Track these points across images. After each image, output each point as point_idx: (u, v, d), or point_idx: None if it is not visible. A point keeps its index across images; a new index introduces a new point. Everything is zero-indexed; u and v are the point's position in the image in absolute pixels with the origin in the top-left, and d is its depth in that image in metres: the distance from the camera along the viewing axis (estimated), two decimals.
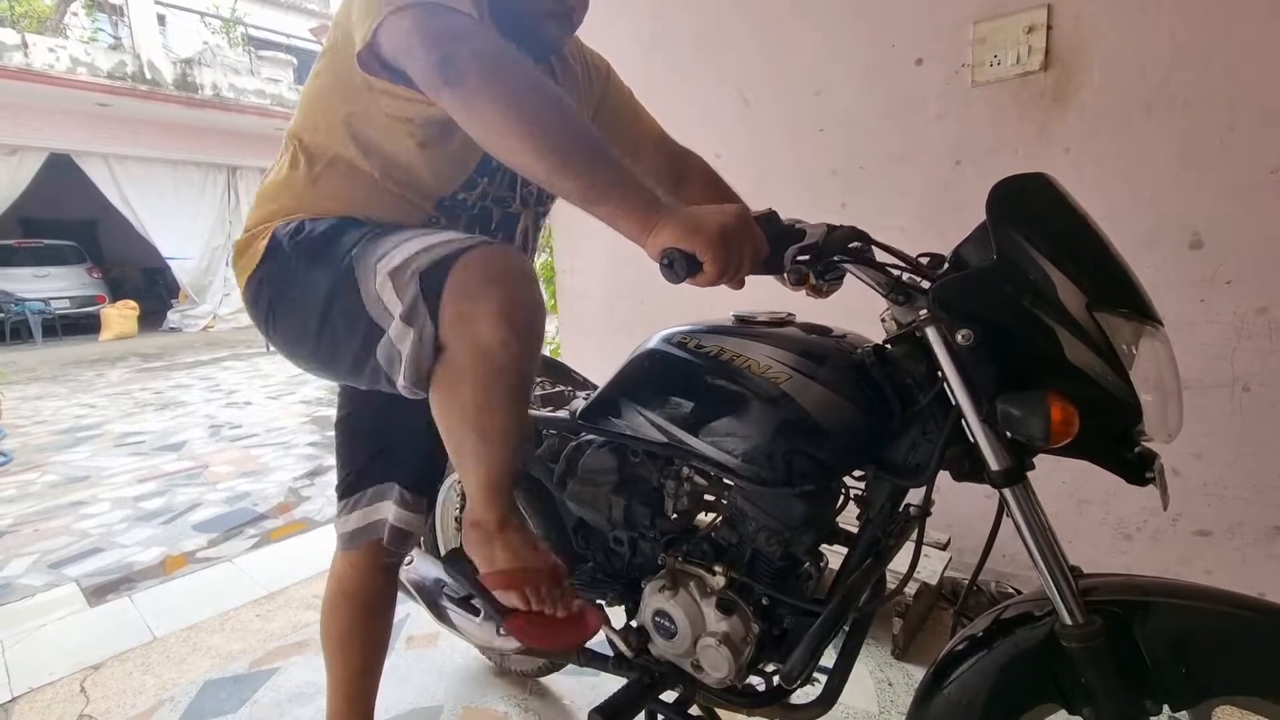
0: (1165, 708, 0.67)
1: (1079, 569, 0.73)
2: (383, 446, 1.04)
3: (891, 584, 1.04)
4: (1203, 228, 1.41)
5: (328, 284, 0.83)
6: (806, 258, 0.70)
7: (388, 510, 1.01)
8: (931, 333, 0.69)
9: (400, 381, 0.81)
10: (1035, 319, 0.64)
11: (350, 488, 1.04)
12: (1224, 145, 1.36)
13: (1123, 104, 1.46)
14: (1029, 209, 0.67)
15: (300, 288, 0.87)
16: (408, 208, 0.91)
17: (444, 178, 0.90)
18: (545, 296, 1.13)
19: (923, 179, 1.73)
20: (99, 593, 2.10)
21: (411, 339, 0.78)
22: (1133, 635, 0.65)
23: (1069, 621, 0.65)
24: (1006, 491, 0.68)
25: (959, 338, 0.66)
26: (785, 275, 0.71)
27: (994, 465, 0.67)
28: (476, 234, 0.92)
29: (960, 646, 0.76)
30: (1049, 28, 1.51)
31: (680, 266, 0.65)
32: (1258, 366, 1.39)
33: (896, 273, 0.74)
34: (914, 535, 0.83)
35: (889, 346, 0.79)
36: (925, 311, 0.69)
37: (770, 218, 0.72)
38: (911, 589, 1.55)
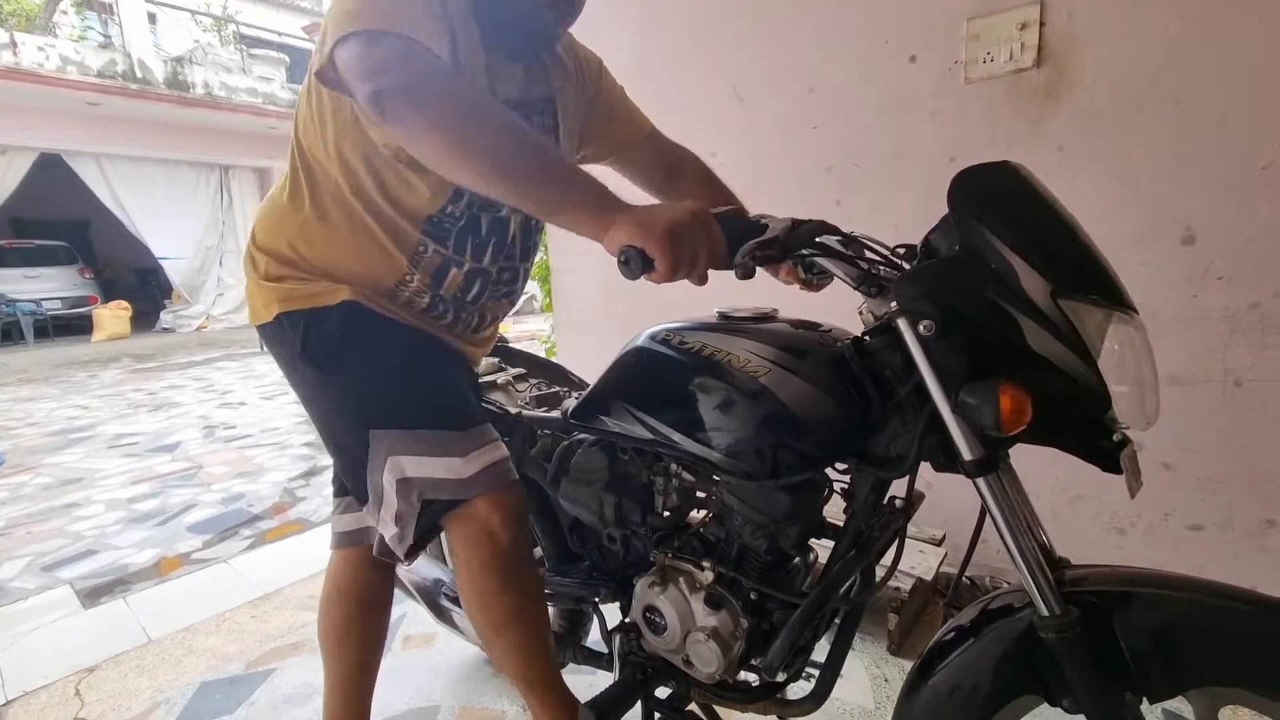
0: (1145, 699, 0.67)
1: (1067, 560, 0.73)
2: None
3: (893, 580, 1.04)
4: (1195, 224, 1.41)
5: (337, 418, 0.93)
6: (771, 253, 0.70)
7: (367, 520, 1.01)
8: (903, 324, 0.69)
9: (375, 537, 0.96)
10: (997, 308, 0.65)
11: (343, 486, 1.04)
12: (1216, 142, 1.37)
13: (1115, 100, 1.46)
14: (992, 198, 0.68)
15: (311, 388, 0.95)
16: (397, 238, 0.91)
17: (430, 193, 0.90)
18: (541, 296, 1.13)
19: (917, 176, 1.74)
20: (93, 595, 2.09)
21: (391, 535, 0.89)
22: (1111, 626, 0.65)
23: (1045, 613, 0.65)
24: (980, 481, 0.68)
25: (921, 329, 0.67)
26: (734, 270, 0.70)
27: (966, 455, 0.68)
28: (459, 259, 0.95)
29: (946, 638, 0.76)
30: (1041, 24, 1.51)
31: (635, 264, 0.65)
32: (1249, 361, 1.39)
33: (865, 265, 0.74)
34: (899, 526, 0.83)
35: (867, 339, 0.79)
36: (895, 303, 0.69)
37: (731, 216, 0.72)
38: (907, 584, 1.56)
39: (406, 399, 0.91)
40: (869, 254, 0.81)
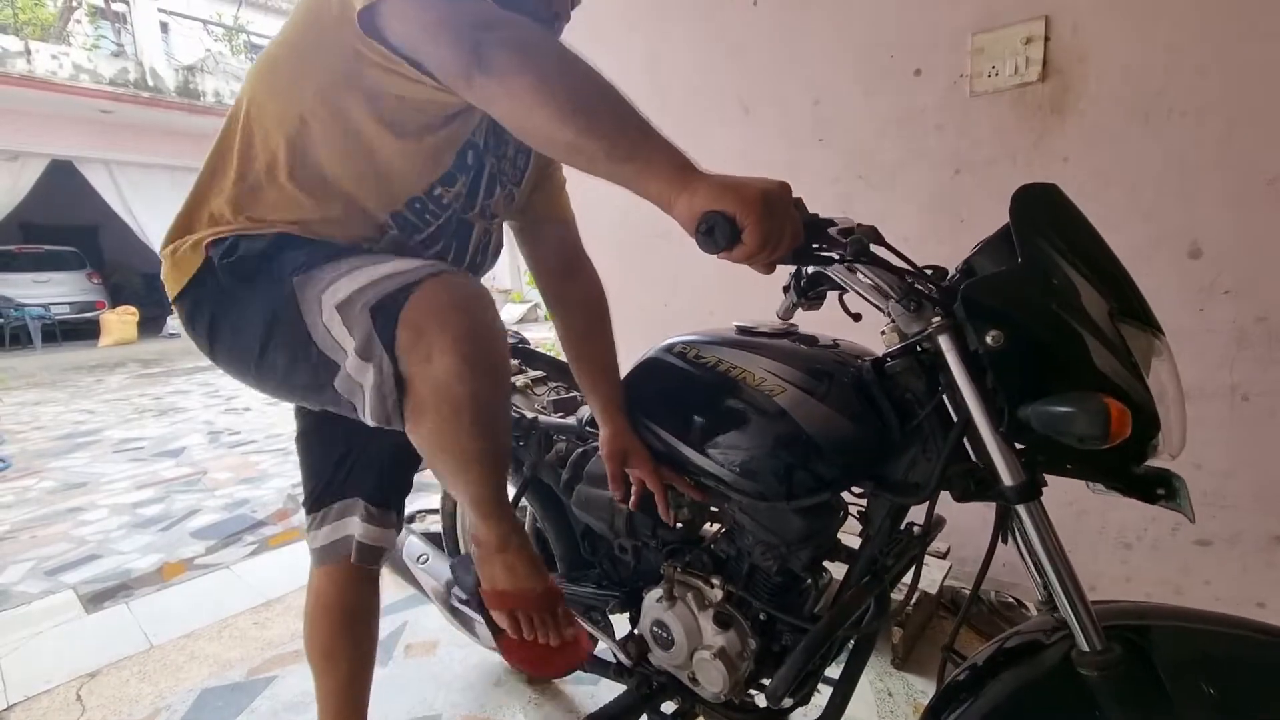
0: None
1: None
2: (343, 460, 1.01)
3: (898, 595, 1.04)
4: (1201, 237, 1.41)
5: (267, 312, 0.80)
6: (840, 248, 0.68)
7: (354, 526, 1.00)
8: (944, 341, 0.66)
9: (365, 415, 0.78)
10: (1065, 323, 0.63)
11: (316, 502, 1.02)
12: (1222, 155, 1.37)
13: (1120, 114, 1.46)
14: (1049, 216, 0.67)
15: (237, 313, 0.83)
16: (359, 216, 0.84)
17: (420, 171, 0.85)
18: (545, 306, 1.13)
19: (922, 188, 1.74)
20: (96, 600, 2.09)
21: (371, 375, 0.74)
22: (1150, 661, 0.63)
23: (1086, 648, 0.63)
24: (1021, 509, 0.66)
25: (989, 339, 0.63)
26: (843, 251, 0.67)
27: (1007, 480, 0.65)
28: (424, 256, 0.87)
29: (960, 678, 0.73)
30: (1046, 39, 1.52)
31: (722, 233, 0.58)
32: (1257, 375, 1.39)
33: (910, 279, 0.71)
34: (916, 553, 0.82)
35: (889, 360, 0.77)
36: (938, 319, 0.67)
37: (799, 203, 0.68)
38: (911, 598, 1.55)
39: (332, 251, 0.81)
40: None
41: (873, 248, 0.71)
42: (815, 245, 0.70)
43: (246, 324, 0.82)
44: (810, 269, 0.90)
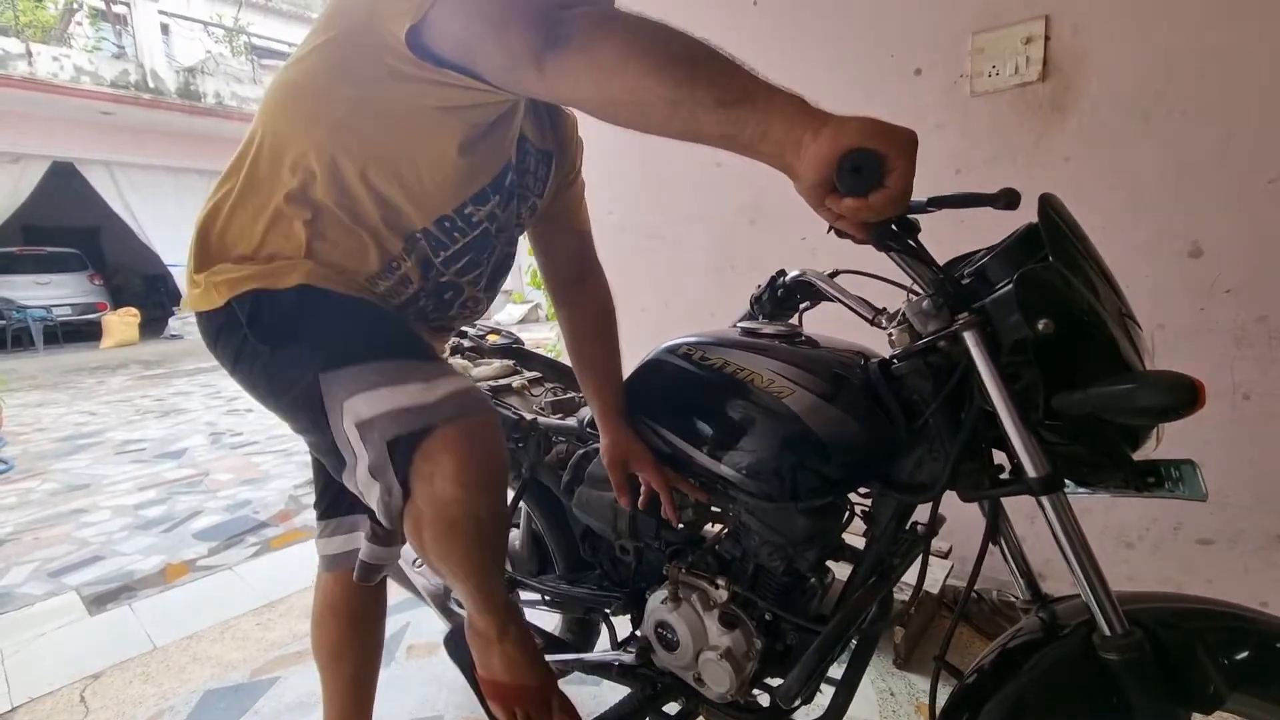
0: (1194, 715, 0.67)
1: (1050, 595, 0.74)
2: None
3: (899, 593, 1.03)
4: (1202, 236, 1.41)
5: (291, 387, 0.83)
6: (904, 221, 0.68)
7: (360, 543, 1.00)
8: (971, 336, 0.66)
9: (374, 510, 0.83)
10: (1099, 316, 0.65)
11: (328, 511, 1.03)
12: (1222, 154, 1.37)
13: (1121, 114, 1.47)
14: (1065, 221, 0.69)
15: (262, 366, 0.85)
16: (378, 241, 0.83)
17: (453, 189, 0.83)
18: (546, 305, 1.13)
19: (923, 189, 1.73)
20: (99, 601, 2.10)
21: (379, 492, 0.78)
22: (1163, 642, 0.65)
23: (1109, 633, 0.64)
24: (1045, 500, 0.66)
25: (1040, 325, 0.64)
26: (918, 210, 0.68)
27: (1033, 472, 0.66)
28: (448, 271, 0.89)
29: (970, 680, 0.74)
30: (1047, 38, 1.52)
31: (870, 172, 0.54)
32: (1258, 374, 1.39)
33: (941, 272, 0.71)
34: (921, 553, 0.82)
35: (895, 361, 0.78)
36: (964, 316, 0.67)
37: None
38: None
39: (357, 338, 0.81)
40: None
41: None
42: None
43: (267, 379, 0.86)
44: (788, 278, 0.92)
